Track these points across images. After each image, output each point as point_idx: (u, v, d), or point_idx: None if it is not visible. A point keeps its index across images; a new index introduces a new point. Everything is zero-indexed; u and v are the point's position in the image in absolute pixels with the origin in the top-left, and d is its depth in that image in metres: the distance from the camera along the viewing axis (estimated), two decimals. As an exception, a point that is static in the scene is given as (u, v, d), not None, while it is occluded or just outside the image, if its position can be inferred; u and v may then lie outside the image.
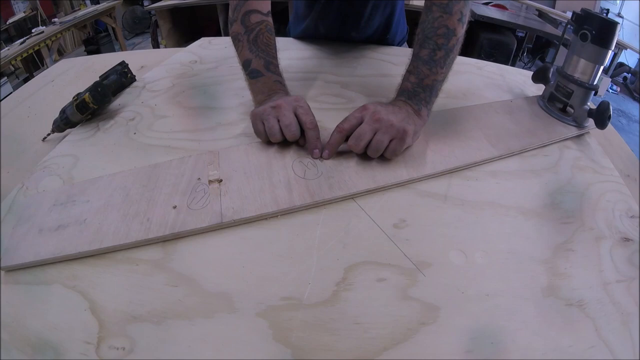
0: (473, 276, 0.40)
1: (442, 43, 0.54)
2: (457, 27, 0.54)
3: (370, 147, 0.50)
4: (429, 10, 0.56)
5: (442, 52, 0.54)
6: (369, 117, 0.50)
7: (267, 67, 0.59)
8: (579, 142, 0.60)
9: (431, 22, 0.55)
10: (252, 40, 0.59)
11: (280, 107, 0.52)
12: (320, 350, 0.34)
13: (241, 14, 0.61)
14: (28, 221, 0.45)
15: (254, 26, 0.60)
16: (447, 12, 0.54)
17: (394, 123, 0.49)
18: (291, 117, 0.52)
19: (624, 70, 3.51)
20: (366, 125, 0.50)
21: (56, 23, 3.04)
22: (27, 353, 0.33)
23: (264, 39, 0.60)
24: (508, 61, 2.59)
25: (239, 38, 0.61)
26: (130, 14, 4.20)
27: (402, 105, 0.54)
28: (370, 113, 0.50)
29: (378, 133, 0.49)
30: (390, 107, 0.52)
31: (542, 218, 0.47)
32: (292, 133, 0.51)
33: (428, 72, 0.54)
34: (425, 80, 0.54)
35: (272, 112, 0.52)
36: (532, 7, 3.18)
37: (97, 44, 3.80)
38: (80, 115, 0.62)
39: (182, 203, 0.46)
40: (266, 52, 0.60)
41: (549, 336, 0.35)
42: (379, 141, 0.49)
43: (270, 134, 0.52)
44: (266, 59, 0.59)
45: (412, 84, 0.55)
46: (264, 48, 0.60)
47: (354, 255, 0.42)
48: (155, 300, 0.37)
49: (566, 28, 2.28)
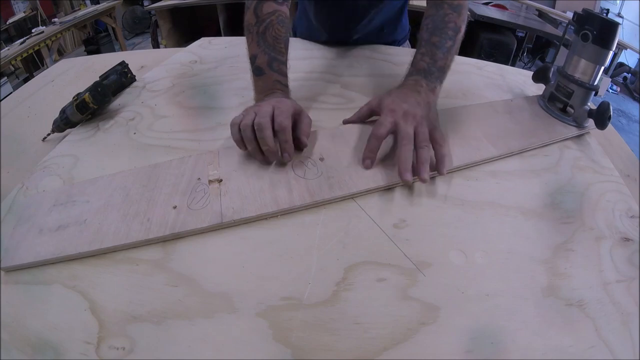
0: (473, 276, 0.40)
1: (452, 35, 0.58)
2: (462, 26, 0.60)
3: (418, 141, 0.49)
4: (439, 7, 0.60)
5: (450, 42, 0.58)
6: (402, 117, 0.50)
7: (271, 64, 0.58)
8: (579, 142, 0.60)
9: (442, 17, 0.59)
10: (260, 33, 0.59)
11: (261, 106, 0.50)
12: (320, 350, 0.34)
13: (255, 1, 0.60)
14: (28, 221, 0.45)
15: (265, 17, 0.59)
16: (457, 11, 0.60)
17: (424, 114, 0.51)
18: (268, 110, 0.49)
19: (624, 70, 3.51)
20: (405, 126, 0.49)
21: (56, 23, 3.04)
22: (27, 353, 0.33)
23: (273, 32, 0.59)
24: (508, 61, 2.60)
25: (250, 29, 0.60)
26: (130, 14, 4.20)
27: (417, 85, 0.55)
28: (402, 114, 0.50)
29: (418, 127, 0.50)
30: (410, 94, 0.53)
31: (542, 218, 0.47)
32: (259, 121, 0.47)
33: (441, 56, 0.57)
34: (439, 62, 0.57)
35: (252, 108, 0.51)
36: (532, 7, 3.19)
37: (97, 44, 3.80)
38: (80, 115, 0.62)
39: (182, 203, 0.46)
40: (273, 46, 0.58)
41: (549, 336, 0.35)
42: (422, 132, 0.49)
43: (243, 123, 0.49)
44: (271, 55, 0.58)
45: (427, 63, 0.57)
46: (271, 42, 0.58)
47: (354, 255, 0.42)
48: (155, 300, 0.37)
49: (567, 28, 2.29)
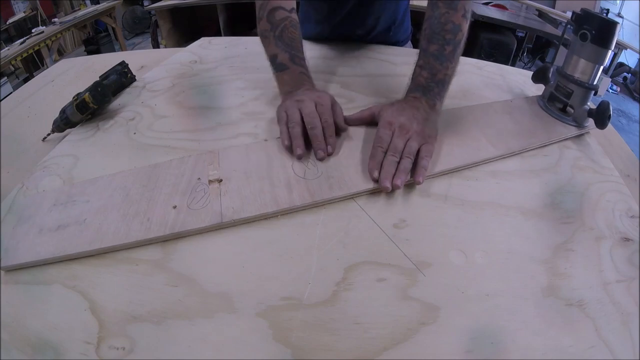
0: (473, 276, 0.40)
1: (450, 38, 0.57)
2: (462, 23, 0.58)
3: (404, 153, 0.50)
4: (435, 7, 0.59)
5: (450, 47, 0.56)
6: (397, 130, 0.52)
7: (293, 60, 0.61)
8: (579, 142, 0.60)
9: (438, 18, 0.58)
10: (277, 35, 0.63)
11: (304, 101, 0.55)
12: (320, 350, 0.34)
13: (267, 12, 0.64)
14: (28, 221, 0.45)
15: (279, 22, 0.63)
16: (453, 8, 0.58)
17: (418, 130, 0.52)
18: (312, 107, 0.54)
19: (624, 70, 3.51)
20: (397, 139, 0.51)
21: (56, 23, 3.04)
22: (27, 353, 0.33)
23: (288, 34, 0.63)
24: (508, 61, 2.60)
25: (266, 35, 0.64)
26: (130, 14, 4.20)
27: (417, 102, 0.55)
28: (397, 127, 0.52)
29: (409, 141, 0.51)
30: (409, 110, 0.54)
31: (542, 218, 0.47)
32: (312, 120, 0.52)
33: (440, 67, 0.56)
34: (438, 75, 0.56)
35: (295, 105, 0.55)
36: (532, 7, 3.18)
37: (97, 44, 3.80)
38: (80, 115, 0.62)
39: (182, 203, 0.46)
40: (291, 46, 0.62)
41: (549, 336, 0.35)
42: (410, 146, 0.51)
43: (291, 120, 0.53)
44: (291, 53, 0.62)
45: (425, 79, 0.57)
46: (289, 42, 0.62)
47: (354, 255, 0.42)
48: (155, 300, 0.37)
49: (566, 28, 2.29)
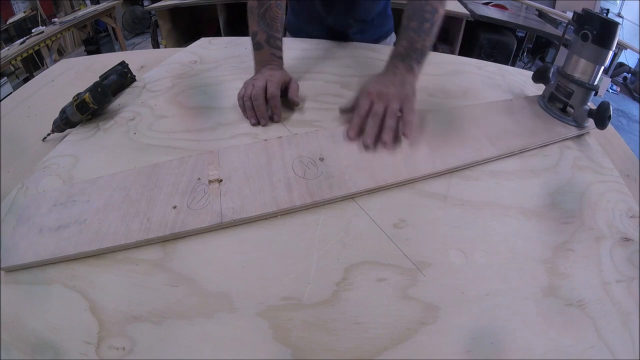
0: (473, 276, 0.40)
1: (429, 17, 0.63)
2: (438, 7, 0.64)
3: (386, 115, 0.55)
4: None
5: (428, 24, 0.63)
6: (376, 98, 0.56)
7: (268, 40, 0.69)
8: (579, 142, 0.60)
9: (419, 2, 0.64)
10: (261, 14, 0.69)
11: (257, 79, 0.63)
12: (320, 350, 0.34)
13: None
14: (28, 221, 0.45)
15: (265, 1, 0.69)
16: None
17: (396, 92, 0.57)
18: (260, 83, 0.61)
19: (624, 70, 3.51)
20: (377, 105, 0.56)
21: (56, 23, 3.04)
22: (27, 353, 0.34)
23: (271, 14, 0.69)
24: (508, 61, 2.60)
25: (252, 11, 0.70)
26: (130, 14, 4.20)
27: (395, 68, 0.60)
28: (376, 95, 0.56)
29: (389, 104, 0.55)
30: (387, 77, 0.59)
31: (542, 218, 0.47)
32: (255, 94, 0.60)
33: (417, 39, 0.62)
34: (416, 45, 0.62)
35: (250, 82, 0.63)
36: (532, 7, 3.18)
37: (97, 44, 3.79)
38: (80, 115, 0.62)
39: (182, 203, 0.46)
40: (271, 26, 0.69)
41: (549, 336, 0.35)
42: (390, 108, 0.55)
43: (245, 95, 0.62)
44: (269, 33, 0.68)
45: (404, 48, 0.62)
46: (269, 22, 0.69)
47: (354, 255, 0.42)
48: (155, 300, 0.37)
49: (567, 28, 2.29)
